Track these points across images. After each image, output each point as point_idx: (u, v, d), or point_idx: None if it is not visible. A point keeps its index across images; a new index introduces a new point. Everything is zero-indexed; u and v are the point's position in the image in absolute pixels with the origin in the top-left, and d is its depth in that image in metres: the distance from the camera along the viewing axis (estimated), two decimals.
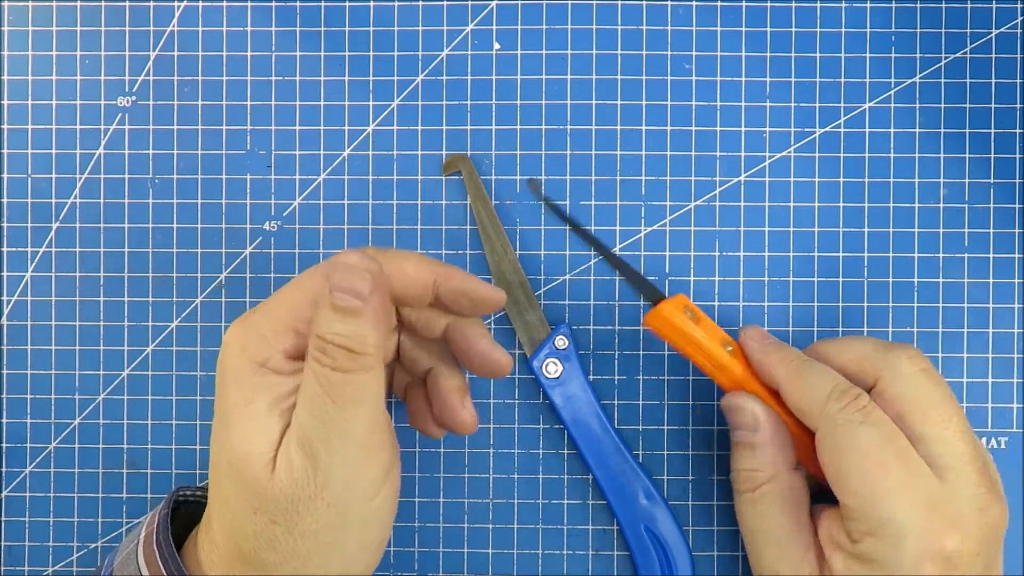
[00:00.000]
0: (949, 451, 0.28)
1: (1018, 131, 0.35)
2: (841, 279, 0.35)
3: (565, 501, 0.35)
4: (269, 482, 0.25)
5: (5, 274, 0.36)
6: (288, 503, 0.25)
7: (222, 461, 0.26)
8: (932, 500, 0.27)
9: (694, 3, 0.36)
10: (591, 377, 0.35)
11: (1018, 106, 0.35)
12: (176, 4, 0.36)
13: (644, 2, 0.36)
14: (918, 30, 0.35)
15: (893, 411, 0.28)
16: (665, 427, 0.35)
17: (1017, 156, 0.35)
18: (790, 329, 0.35)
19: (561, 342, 0.34)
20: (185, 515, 0.31)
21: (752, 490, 0.31)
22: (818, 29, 0.35)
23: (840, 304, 0.35)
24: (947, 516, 0.27)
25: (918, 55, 0.35)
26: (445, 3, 0.36)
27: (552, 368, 0.34)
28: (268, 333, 0.26)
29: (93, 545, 0.36)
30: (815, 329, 0.35)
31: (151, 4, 0.36)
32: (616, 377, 0.35)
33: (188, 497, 0.31)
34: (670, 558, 0.34)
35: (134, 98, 0.36)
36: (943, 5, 0.35)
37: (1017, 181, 0.35)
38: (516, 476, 0.35)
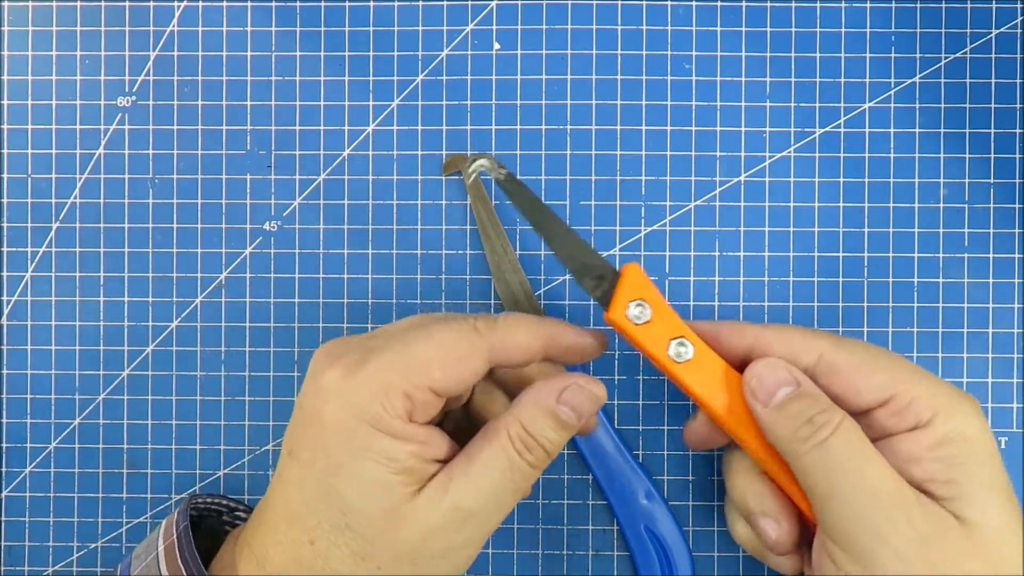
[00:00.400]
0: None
1: (1018, 131, 0.35)
2: (841, 279, 0.35)
3: (565, 501, 0.35)
4: (396, 531, 0.25)
5: (5, 274, 0.36)
6: (408, 554, 0.26)
7: (334, 500, 0.26)
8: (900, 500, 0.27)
9: (694, 3, 0.36)
10: None
11: (1018, 106, 0.35)
12: (176, 4, 0.36)
13: (644, 2, 0.36)
14: (918, 30, 0.35)
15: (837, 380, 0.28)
16: (665, 427, 0.35)
17: (1017, 156, 0.35)
18: None
19: None
20: (198, 523, 0.31)
21: (833, 433, 0.27)
22: (818, 29, 0.35)
23: (840, 304, 0.35)
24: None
25: (918, 55, 0.35)
26: (445, 3, 0.36)
27: None
28: (387, 393, 0.26)
29: (93, 545, 0.36)
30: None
31: (151, 4, 0.36)
32: (616, 377, 0.35)
33: (200, 506, 0.31)
34: (670, 558, 0.34)
35: (134, 98, 0.36)
36: (943, 5, 0.35)
37: (1017, 181, 0.35)
38: None
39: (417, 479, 0.26)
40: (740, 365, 0.29)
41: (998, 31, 0.35)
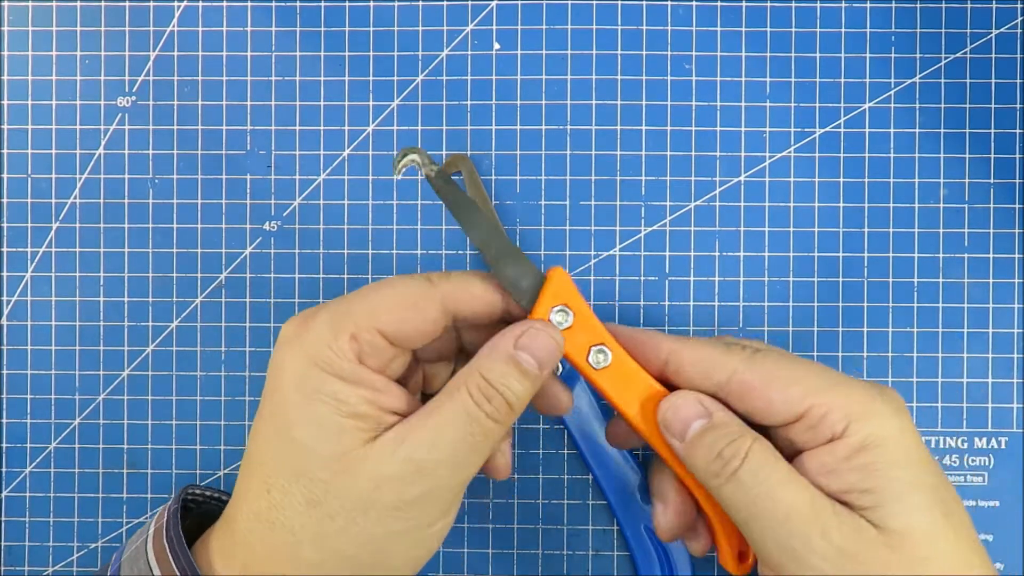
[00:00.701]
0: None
1: (1018, 131, 0.35)
2: (841, 279, 0.35)
3: (565, 501, 0.35)
4: (347, 475, 0.25)
5: (5, 274, 0.36)
6: (361, 503, 0.25)
7: (289, 445, 0.26)
8: (870, 384, 0.27)
9: (694, 3, 0.36)
10: None
11: (1018, 106, 0.35)
12: (176, 4, 0.36)
13: (644, 2, 0.36)
14: (918, 30, 0.35)
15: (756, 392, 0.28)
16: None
17: (1017, 156, 0.35)
18: (790, 329, 0.35)
19: None
20: (196, 514, 0.31)
21: (744, 460, 0.27)
22: (818, 29, 0.35)
23: (840, 304, 0.35)
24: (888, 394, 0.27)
25: (918, 55, 0.35)
26: (445, 3, 0.36)
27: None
28: (335, 336, 0.26)
29: (93, 545, 0.36)
30: (815, 329, 0.35)
31: (151, 4, 0.36)
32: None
33: (197, 497, 0.31)
34: (670, 559, 0.34)
35: (134, 98, 0.36)
36: (943, 5, 0.35)
37: (1017, 181, 0.35)
38: (516, 476, 0.35)
39: (371, 427, 0.26)
40: (657, 375, 0.29)
41: (998, 31, 0.35)
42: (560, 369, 0.34)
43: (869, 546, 0.25)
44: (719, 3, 0.36)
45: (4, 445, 0.36)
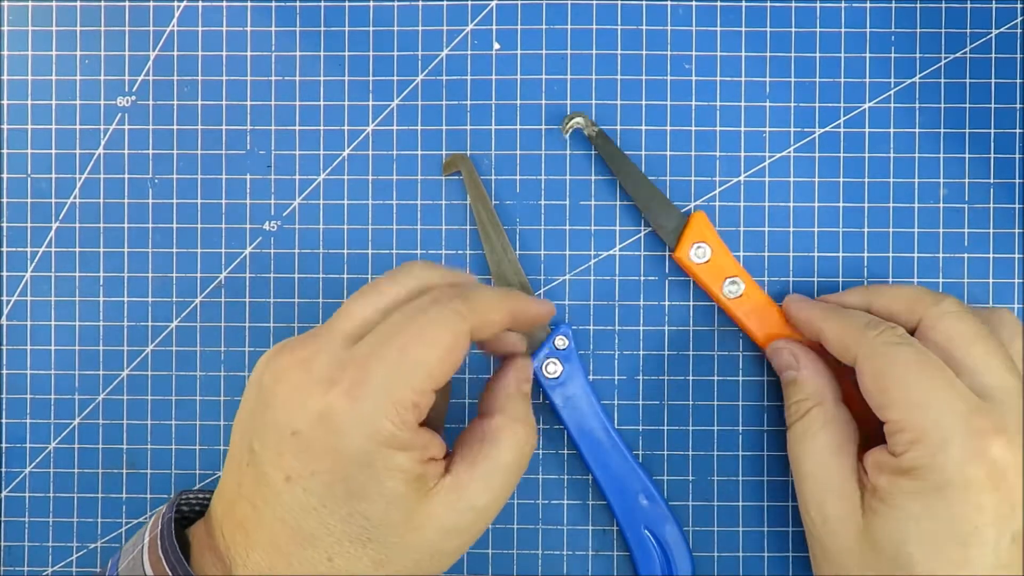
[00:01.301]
0: (994, 379, 0.28)
1: (1018, 131, 0.35)
2: (841, 279, 0.35)
3: (565, 501, 0.35)
4: (412, 523, 0.26)
5: (5, 274, 0.36)
6: (432, 552, 0.27)
7: (353, 526, 0.26)
8: (974, 407, 0.27)
9: (694, 3, 0.36)
10: (591, 377, 0.35)
11: (1018, 106, 0.35)
12: (176, 4, 0.36)
13: (644, 2, 0.36)
14: (918, 30, 0.35)
15: (939, 344, 0.29)
16: (665, 427, 0.35)
17: (1017, 156, 0.35)
18: None
19: (561, 342, 0.34)
20: (192, 517, 0.31)
21: (800, 418, 0.31)
22: (818, 29, 0.35)
23: None
24: (991, 421, 0.27)
25: (918, 55, 0.35)
26: (445, 3, 0.36)
27: (552, 368, 0.34)
28: (397, 410, 0.26)
29: (93, 545, 0.36)
30: None
31: (151, 4, 0.36)
32: (616, 377, 0.35)
33: (192, 502, 0.31)
34: (670, 558, 0.34)
35: (134, 98, 0.36)
36: (943, 5, 0.35)
37: (1017, 181, 0.35)
38: None
39: (425, 482, 0.27)
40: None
41: (998, 31, 0.35)
42: (561, 370, 0.34)
43: (845, 538, 0.29)
44: (719, 3, 0.36)
45: (4, 445, 0.36)
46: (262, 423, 0.26)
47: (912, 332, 0.30)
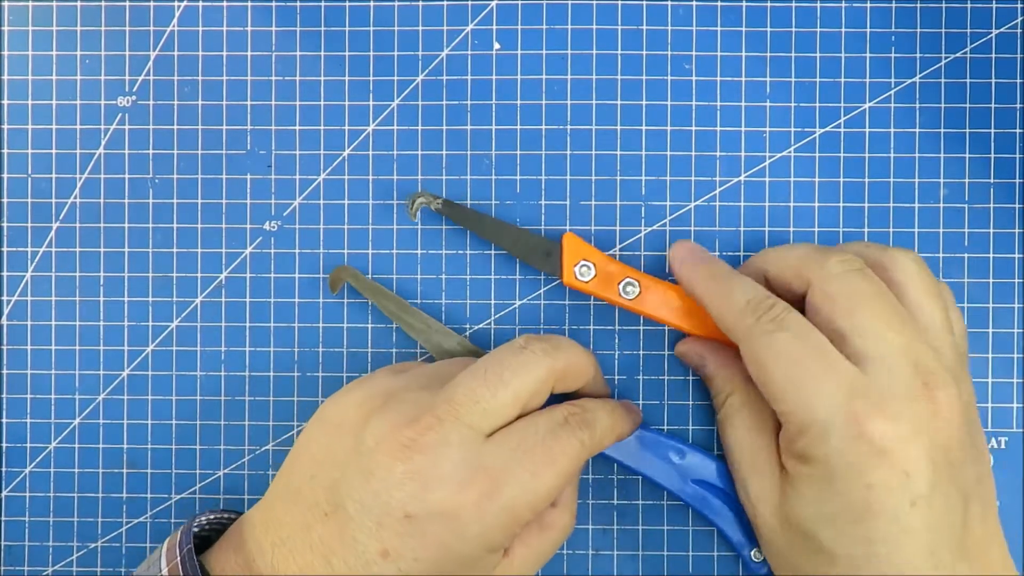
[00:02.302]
0: (874, 345, 0.27)
1: (1018, 131, 0.35)
2: None
3: None
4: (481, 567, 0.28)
5: (5, 274, 0.36)
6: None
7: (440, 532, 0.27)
8: (853, 388, 0.27)
9: (694, 3, 0.36)
10: None
11: (1018, 106, 0.35)
12: (176, 4, 0.36)
13: (644, 2, 0.36)
14: (918, 30, 0.35)
15: (823, 311, 0.28)
16: (665, 427, 0.35)
17: (1017, 156, 0.35)
18: None
19: None
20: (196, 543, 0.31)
21: (719, 409, 0.33)
22: (818, 29, 0.35)
23: None
24: (869, 401, 0.27)
25: (918, 55, 0.35)
26: (445, 3, 0.36)
27: None
28: (513, 527, 0.27)
29: (93, 545, 0.36)
30: None
31: (151, 4, 0.36)
32: (616, 377, 0.35)
33: (205, 528, 0.31)
34: (729, 495, 0.33)
35: (134, 98, 0.36)
36: (943, 5, 0.35)
37: (1017, 181, 0.35)
38: None
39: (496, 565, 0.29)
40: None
41: (998, 31, 0.35)
42: None
43: (767, 516, 0.30)
44: (719, 3, 0.36)
45: (4, 445, 0.36)
46: (365, 488, 0.27)
47: (803, 297, 0.30)
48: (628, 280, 0.33)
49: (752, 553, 0.33)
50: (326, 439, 0.28)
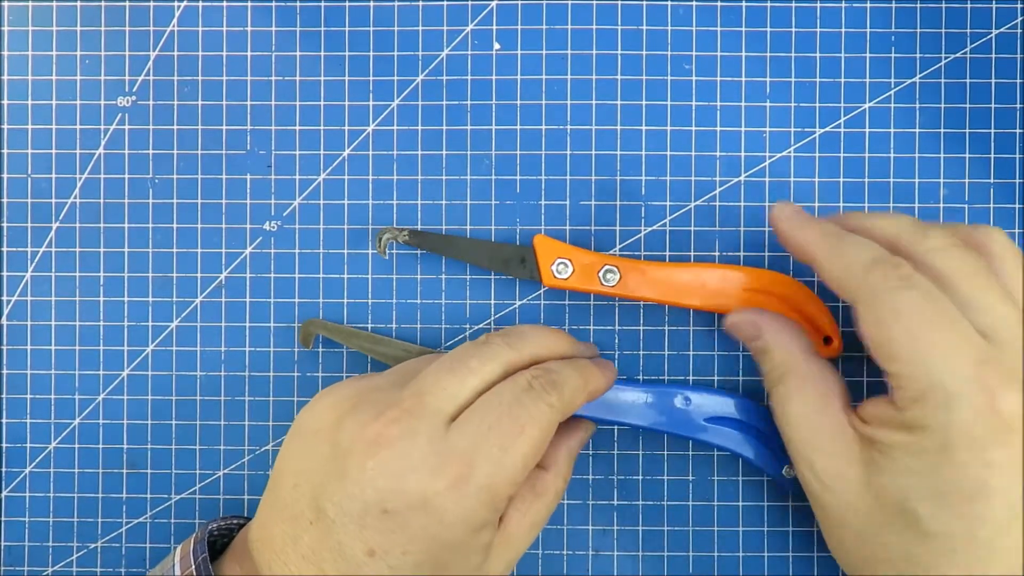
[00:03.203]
0: (995, 318, 0.26)
1: (1018, 131, 0.35)
2: None
3: (565, 501, 0.35)
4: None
5: (5, 274, 0.36)
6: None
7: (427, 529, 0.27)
8: (982, 358, 0.25)
9: (694, 3, 0.36)
10: None
11: (1018, 106, 0.35)
12: (176, 4, 0.36)
13: (644, 2, 0.36)
14: (918, 30, 0.35)
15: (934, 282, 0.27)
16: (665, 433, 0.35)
17: (1017, 156, 0.35)
18: None
19: None
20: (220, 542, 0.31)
21: (776, 385, 0.31)
22: (818, 29, 0.35)
23: (840, 304, 0.35)
24: (1000, 374, 0.25)
25: (918, 55, 0.35)
26: (445, 3, 0.36)
27: None
28: (495, 504, 0.27)
29: (93, 545, 0.36)
30: None
31: (151, 4, 0.36)
32: (617, 377, 0.35)
33: (212, 529, 0.31)
34: (749, 424, 0.33)
35: (134, 98, 0.36)
36: (943, 5, 0.35)
37: (1017, 181, 0.35)
38: None
39: (492, 541, 0.29)
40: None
41: (998, 31, 0.35)
42: None
43: (844, 494, 0.28)
44: (719, 3, 0.36)
45: (4, 445, 0.36)
46: (341, 491, 0.26)
47: None
48: (607, 268, 0.34)
49: (784, 469, 0.33)
50: (303, 448, 0.28)
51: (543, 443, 0.28)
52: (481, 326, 0.36)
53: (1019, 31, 0.35)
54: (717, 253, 0.35)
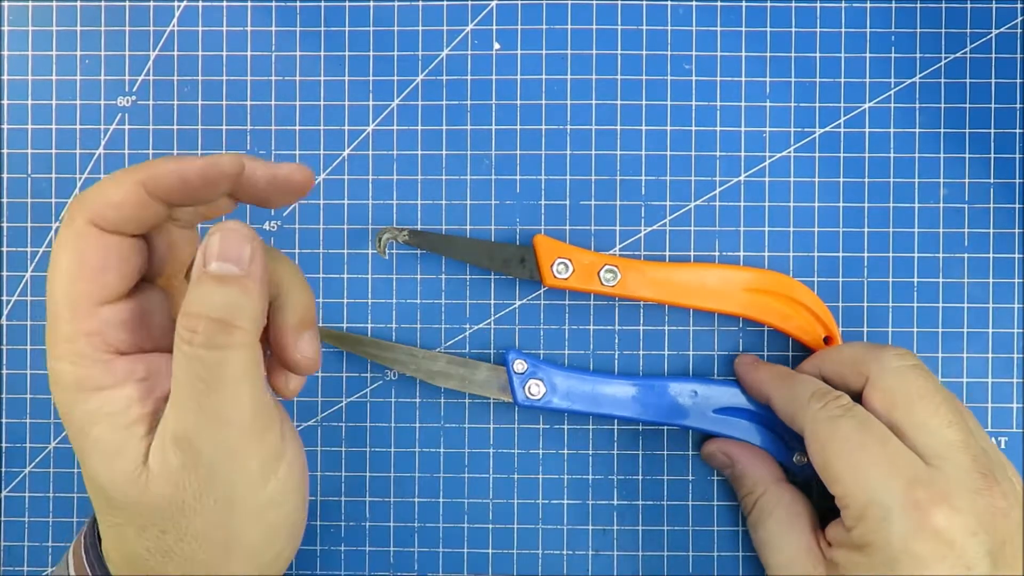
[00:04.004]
0: (935, 440, 0.28)
1: (1018, 131, 0.35)
2: (841, 279, 0.35)
3: (565, 501, 0.35)
4: (146, 493, 0.23)
5: (5, 274, 0.36)
6: (173, 509, 0.23)
7: (90, 484, 0.24)
8: (916, 476, 0.27)
9: (694, 3, 0.36)
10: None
11: (1018, 106, 0.35)
12: (176, 4, 0.36)
13: (644, 2, 0.36)
14: (918, 30, 0.35)
15: (881, 405, 0.29)
16: (665, 428, 0.35)
17: (1017, 156, 0.35)
18: None
19: (520, 366, 0.34)
20: None
21: (750, 511, 0.33)
22: (818, 29, 0.35)
23: (840, 304, 0.35)
24: (933, 491, 0.26)
25: (918, 55, 0.35)
26: (445, 3, 0.36)
27: (536, 390, 0.34)
28: (66, 345, 0.23)
29: None
30: None
31: (151, 4, 0.36)
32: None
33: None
34: (758, 413, 0.34)
35: (134, 98, 0.36)
36: (943, 5, 0.35)
37: (1017, 181, 0.35)
38: (516, 476, 0.35)
39: (142, 429, 0.23)
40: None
41: (998, 31, 0.35)
42: (542, 385, 0.34)
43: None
44: (719, 3, 0.36)
45: (4, 445, 0.36)
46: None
47: (861, 391, 0.30)
48: (607, 267, 0.34)
49: (795, 457, 0.33)
50: None
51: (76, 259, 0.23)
52: (481, 326, 0.36)
53: (1019, 31, 0.35)
54: (717, 253, 0.35)
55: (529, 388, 0.34)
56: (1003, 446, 0.35)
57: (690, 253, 0.35)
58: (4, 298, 0.36)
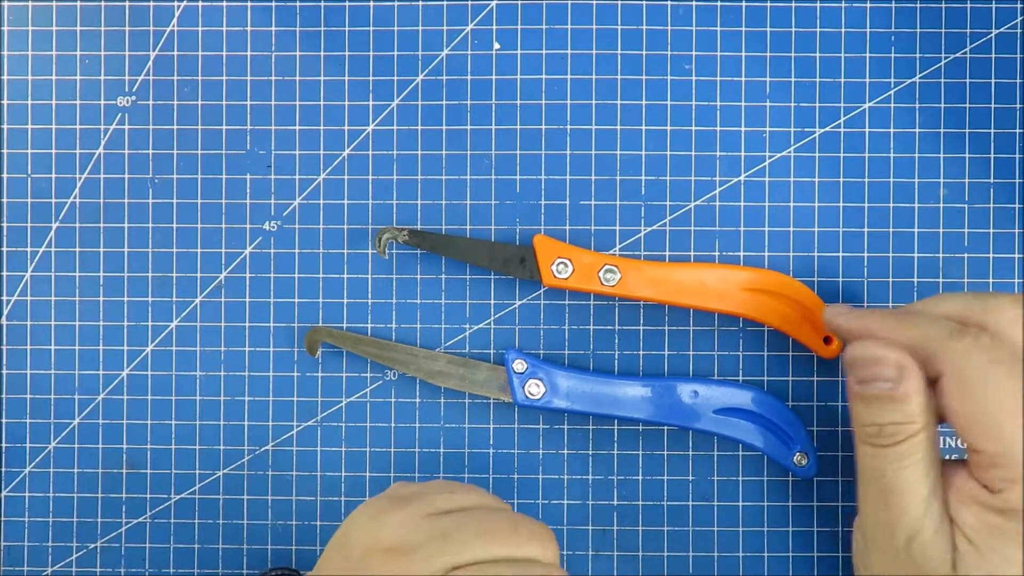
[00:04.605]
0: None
1: (1018, 131, 0.35)
2: (841, 279, 0.35)
3: (565, 501, 0.35)
4: None
5: (5, 274, 0.36)
6: None
7: None
8: None
9: (694, 3, 0.36)
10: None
11: (1018, 106, 0.35)
12: (176, 4, 0.36)
13: (644, 2, 0.36)
14: (918, 30, 0.35)
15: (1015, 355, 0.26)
16: (665, 428, 0.35)
17: (1017, 156, 0.35)
18: None
19: (520, 366, 0.34)
20: None
21: (899, 443, 0.27)
22: (818, 29, 0.35)
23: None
24: None
25: (918, 55, 0.35)
26: (445, 3, 0.36)
27: (536, 389, 0.34)
28: None
29: (92, 545, 0.36)
30: None
31: (151, 4, 0.36)
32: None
33: None
34: (758, 414, 0.34)
35: (134, 98, 0.36)
36: (943, 5, 0.35)
37: (1017, 181, 0.35)
38: (516, 476, 0.35)
39: None
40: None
41: (998, 31, 0.35)
42: (542, 384, 0.34)
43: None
44: (719, 3, 0.36)
45: (4, 445, 0.36)
46: None
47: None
48: (607, 267, 0.34)
49: (796, 458, 0.33)
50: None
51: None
52: (481, 326, 0.36)
53: (1019, 31, 0.35)
54: (717, 253, 0.35)
55: (529, 388, 0.34)
56: None
57: (690, 253, 0.35)
58: (4, 298, 0.36)
